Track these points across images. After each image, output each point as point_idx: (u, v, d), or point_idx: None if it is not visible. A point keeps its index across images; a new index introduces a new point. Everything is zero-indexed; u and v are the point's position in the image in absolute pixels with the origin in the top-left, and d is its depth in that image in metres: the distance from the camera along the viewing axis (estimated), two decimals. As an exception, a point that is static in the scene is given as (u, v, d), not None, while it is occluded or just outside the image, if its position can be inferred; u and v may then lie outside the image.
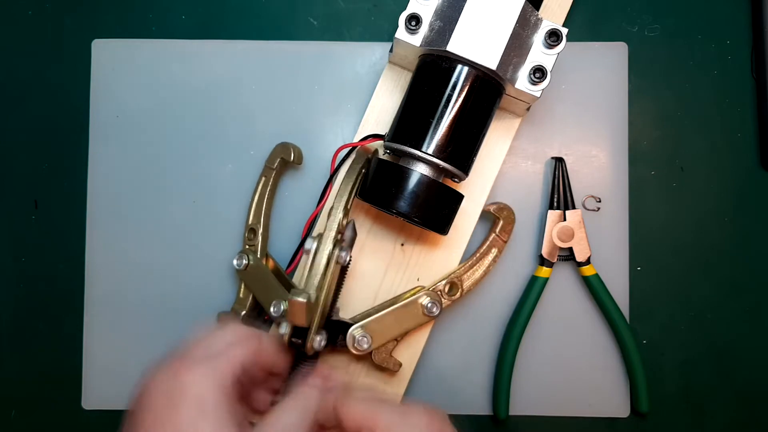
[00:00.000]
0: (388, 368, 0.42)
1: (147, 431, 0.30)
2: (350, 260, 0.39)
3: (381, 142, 0.42)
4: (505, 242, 0.43)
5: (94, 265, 0.47)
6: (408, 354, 0.43)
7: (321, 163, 0.46)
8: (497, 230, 0.43)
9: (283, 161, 0.44)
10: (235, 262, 0.43)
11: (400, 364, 0.42)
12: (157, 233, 0.47)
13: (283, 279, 0.43)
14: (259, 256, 0.43)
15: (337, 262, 0.38)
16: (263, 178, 0.45)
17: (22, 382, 0.47)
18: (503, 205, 0.43)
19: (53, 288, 0.47)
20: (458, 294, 0.42)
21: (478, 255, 0.43)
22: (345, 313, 0.44)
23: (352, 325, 0.41)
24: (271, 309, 0.41)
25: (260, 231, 0.44)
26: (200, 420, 0.30)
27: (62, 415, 0.47)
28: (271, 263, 0.44)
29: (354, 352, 0.41)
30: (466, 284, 0.42)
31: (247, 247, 0.44)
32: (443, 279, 0.42)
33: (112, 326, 0.46)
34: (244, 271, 0.43)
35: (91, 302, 0.47)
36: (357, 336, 0.40)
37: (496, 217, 0.43)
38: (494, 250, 0.43)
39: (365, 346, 0.41)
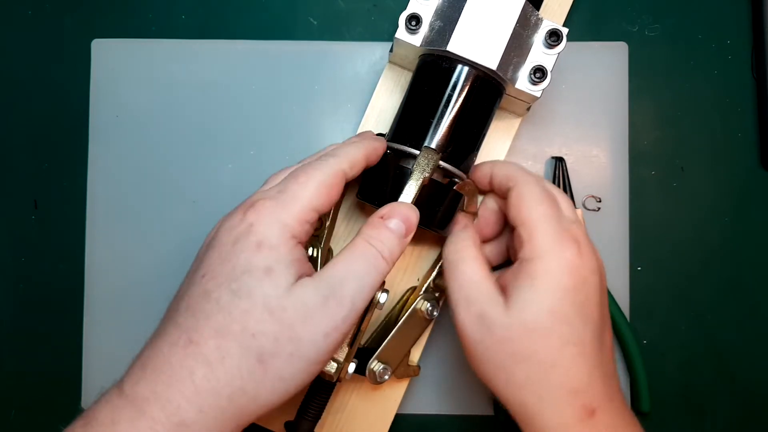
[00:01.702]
0: (409, 376, 0.42)
1: (209, 266, 0.32)
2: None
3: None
4: (475, 214, 0.42)
5: (94, 265, 0.47)
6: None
7: (321, 163, 0.46)
8: (464, 207, 0.41)
9: None
10: None
11: (419, 368, 0.42)
12: (157, 233, 0.47)
13: None
14: (322, 248, 0.40)
15: (376, 307, 0.37)
16: None
17: (22, 382, 0.47)
18: (464, 181, 0.40)
19: (53, 288, 0.47)
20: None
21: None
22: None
23: (364, 348, 0.41)
24: None
25: (327, 222, 0.40)
26: (258, 260, 0.31)
27: (62, 415, 0.47)
28: (329, 260, 0.42)
29: (375, 383, 0.40)
30: None
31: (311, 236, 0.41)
32: (430, 274, 0.42)
33: (112, 326, 0.46)
34: None
35: (91, 302, 0.47)
36: (377, 369, 0.40)
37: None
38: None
39: (386, 377, 0.40)
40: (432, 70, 0.39)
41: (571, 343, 0.32)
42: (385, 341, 0.40)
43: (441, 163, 0.38)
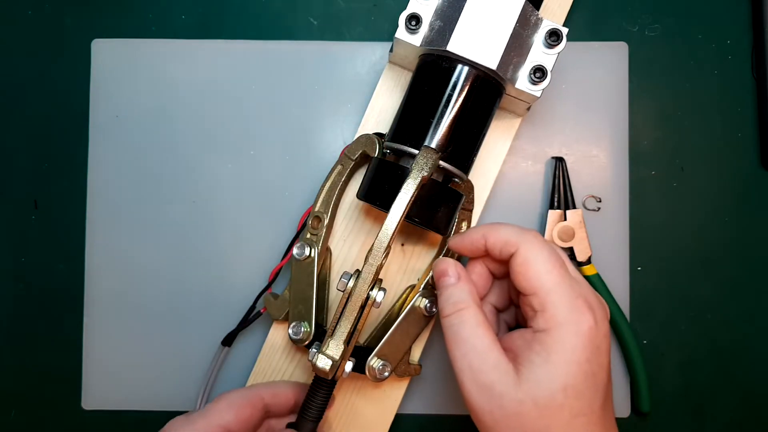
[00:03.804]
0: (410, 375, 0.42)
1: None
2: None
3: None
4: (471, 211, 0.43)
5: (94, 265, 0.47)
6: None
7: (321, 163, 0.46)
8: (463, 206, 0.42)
9: (365, 154, 0.42)
10: (295, 251, 0.41)
11: (420, 366, 0.42)
12: (157, 233, 0.47)
13: (322, 287, 0.42)
14: (320, 248, 0.42)
15: (372, 305, 0.37)
16: (339, 167, 0.43)
17: (22, 382, 0.47)
18: (464, 180, 0.41)
19: (53, 288, 0.47)
20: (436, 264, 0.41)
21: (451, 235, 0.42)
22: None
23: (363, 347, 0.41)
24: (290, 329, 0.41)
25: (326, 221, 0.42)
26: None
27: (62, 415, 0.47)
28: (328, 259, 0.43)
29: (376, 381, 0.40)
30: None
31: (309, 236, 0.42)
32: (428, 272, 0.42)
33: (112, 326, 0.46)
34: (300, 261, 0.42)
35: (91, 302, 0.47)
36: (377, 366, 0.40)
37: None
38: (464, 224, 0.43)
39: (386, 374, 0.40)
40: (432, 70, 0.39)
41: (581, 415, 0.32)
42: (385, 337, 0.40)
43: (441, 162, 0.38)
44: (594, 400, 0.32)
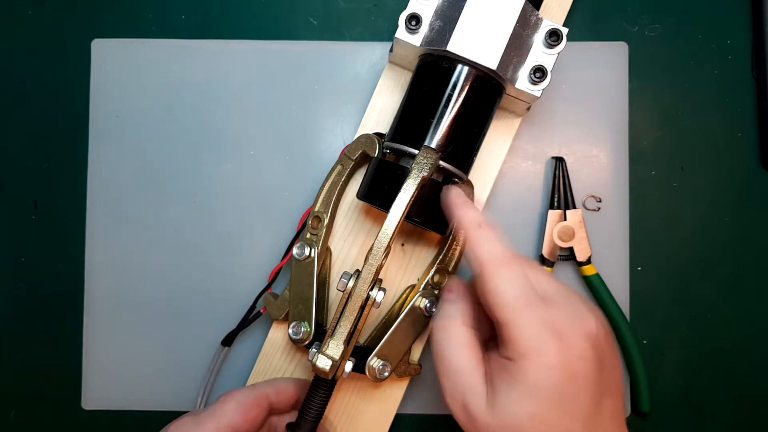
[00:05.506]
0: (410, 375, 0.42)
1: None
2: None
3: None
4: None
5: (94, 265, 0.47)
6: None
7: (321, 163, 0.46)
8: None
9: (365, 154, 0.42)
10: (295, 251, 0.42)
11: (420, 366, 0.42)
12: (157, 233, 0.47)
13: (322, 287, 0.42)
14: (320, 248, 0.42)
15: (372, 305, 0.37)
16: (339, 167, 0.43)
17: (22, 381, 0.47)
18: (464, 180, 0.41)
19: (53, 288, 0.47)
20: (447, 280, 0.41)
21: (450, 236, 0.42)
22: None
23: (363, 347, 0.41)
24: (290, 329, 0.41)
25: (326, 221, 0.42)
26: None
27: (62, 415, 0.47)
28: (328, 259, 0.43)
29: (376, 381, 0.40)
30: (450, 267, 0.42)
31: (309, 236, 0.43)
32: (428, 273, 0.42)
33: (112, 326, 0.46)
34: (301, 261, 0.42)
35: (91, 302, 0.47)
36: (377, 366, 0.40)
37: None
38: None
39: (386, 374, 0.40)
40: (432, 70, 0.39)
41: None
42: (384, 337, 0.40)
43: (441, 162, 0.38)
44: (572, 425, 0.31)
